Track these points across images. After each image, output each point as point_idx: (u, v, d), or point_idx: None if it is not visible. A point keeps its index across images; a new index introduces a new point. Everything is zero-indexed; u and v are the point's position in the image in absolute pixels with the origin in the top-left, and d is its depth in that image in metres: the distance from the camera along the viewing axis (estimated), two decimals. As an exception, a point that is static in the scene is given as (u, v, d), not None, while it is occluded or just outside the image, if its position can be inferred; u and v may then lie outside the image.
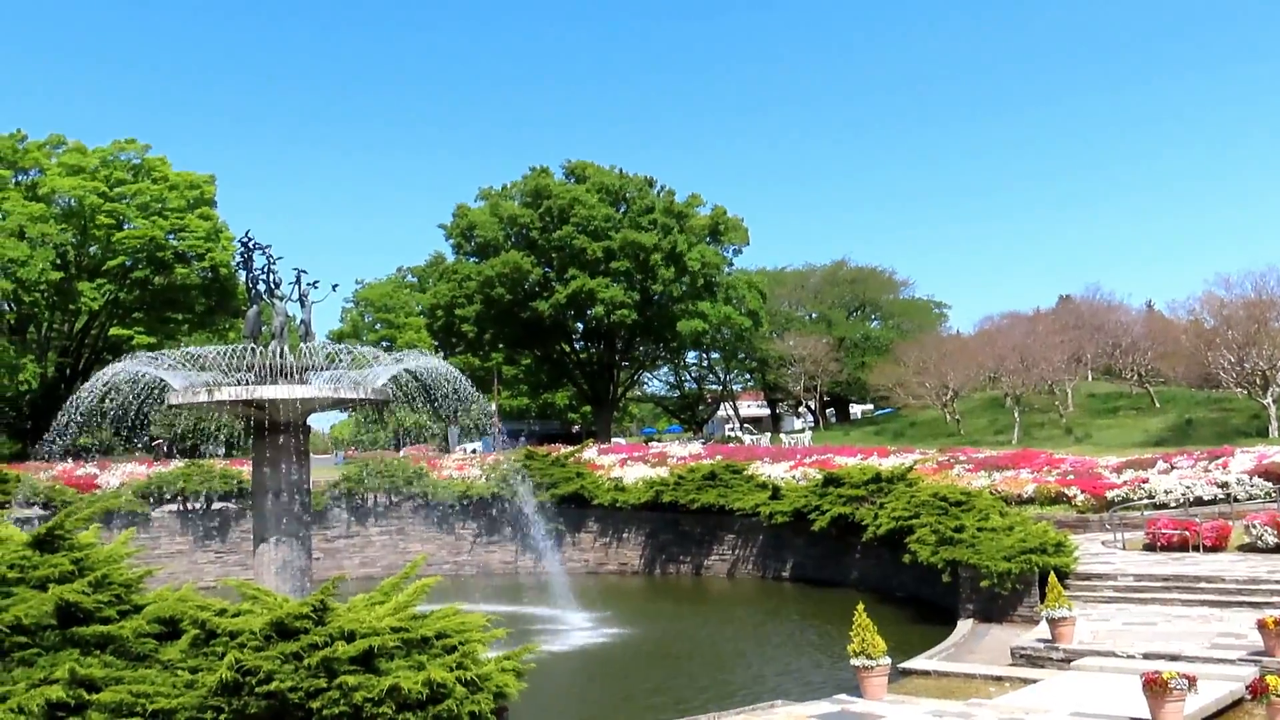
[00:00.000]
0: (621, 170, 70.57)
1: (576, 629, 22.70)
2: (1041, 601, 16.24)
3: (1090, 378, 71.99)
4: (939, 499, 22.56)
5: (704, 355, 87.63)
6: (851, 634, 13.17)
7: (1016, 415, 57.38)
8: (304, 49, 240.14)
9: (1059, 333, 64.81)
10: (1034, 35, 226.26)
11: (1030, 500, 28.28)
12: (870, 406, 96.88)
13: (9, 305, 58.86)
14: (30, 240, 53.18)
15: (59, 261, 56.79)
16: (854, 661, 13.10)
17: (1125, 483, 28.03)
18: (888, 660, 13.12)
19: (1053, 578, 15.64)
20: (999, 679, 14.33)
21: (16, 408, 63.74)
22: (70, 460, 35.66)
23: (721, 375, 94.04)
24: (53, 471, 33.99)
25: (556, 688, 16.59)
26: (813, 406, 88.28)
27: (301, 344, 18.27)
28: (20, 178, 60.02)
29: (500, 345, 75.93)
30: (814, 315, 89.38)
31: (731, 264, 74.33)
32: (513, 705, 9.94)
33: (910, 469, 28.59)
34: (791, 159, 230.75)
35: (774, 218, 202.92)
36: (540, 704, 13.84)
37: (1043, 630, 15.65)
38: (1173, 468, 29.16)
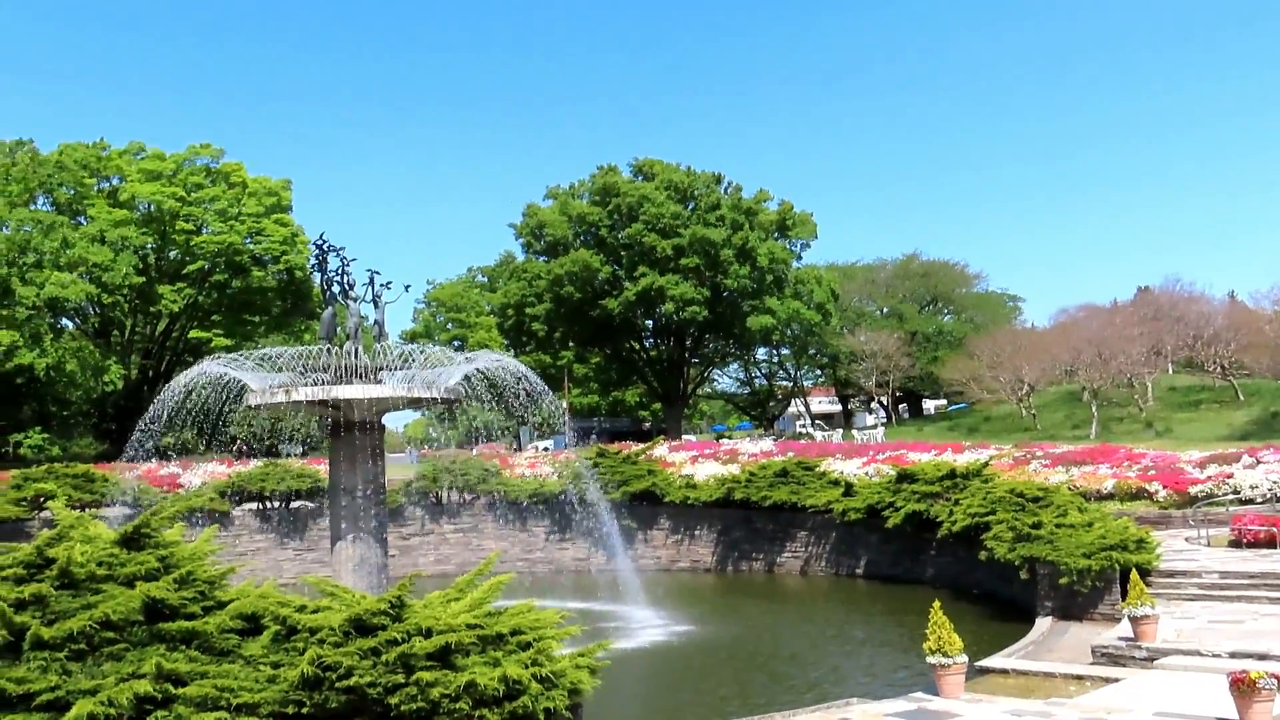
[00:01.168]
0: (690, 167, 70.47)
1: (649, 626, 22.73)
2: (1123, 599, 15.92)
3: (1170, 370, 70.36)
4: (1015, 495, 22.22)
5: (774, 351, 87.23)
6: (927, 632, 13.01)
7: (1094, 409, 56.29)
8: (373, 52, 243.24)
9: (1138, 325, 63.42)
10: (1103, 22, 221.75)
11: (1110, 496, 27.73)
12: (944, 402, 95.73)
13: (93, 309, 60.48)
14: (112, 245, 54.52)
15: (140, 266, 58.22)
16: (930, 659, 12.95)
17: (1209, 478, 27.38)
18: (964, 658, 12.95)
19: (1134, 575, 15.32)
20: (1079, 678, 14.07)
21: (102, 409, 65.44)
22: (154, 460, 36.48)
23: (792, 371, 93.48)
24: (138, 471, 34.77)
25: (629, 685, 16.65)
26: (885, 402, 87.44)
27: (376, 344, 18.52)
28: (102, 184, 61.66)
29: (570, 343, 76.30)
30: (885, 310, 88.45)
31: (800, 259, 73.87)
32: (586, 702, 9.99)
33: (985, 465, 28.22)
34: (861, 153, 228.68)
35: (843, 213, 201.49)
36: (613, 701, 13.90)
37: (1124, 628, 15.33)
38: (1259, 462, 28.38)
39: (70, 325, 61.86)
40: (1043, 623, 18.48)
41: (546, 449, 56.14)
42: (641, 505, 34.61)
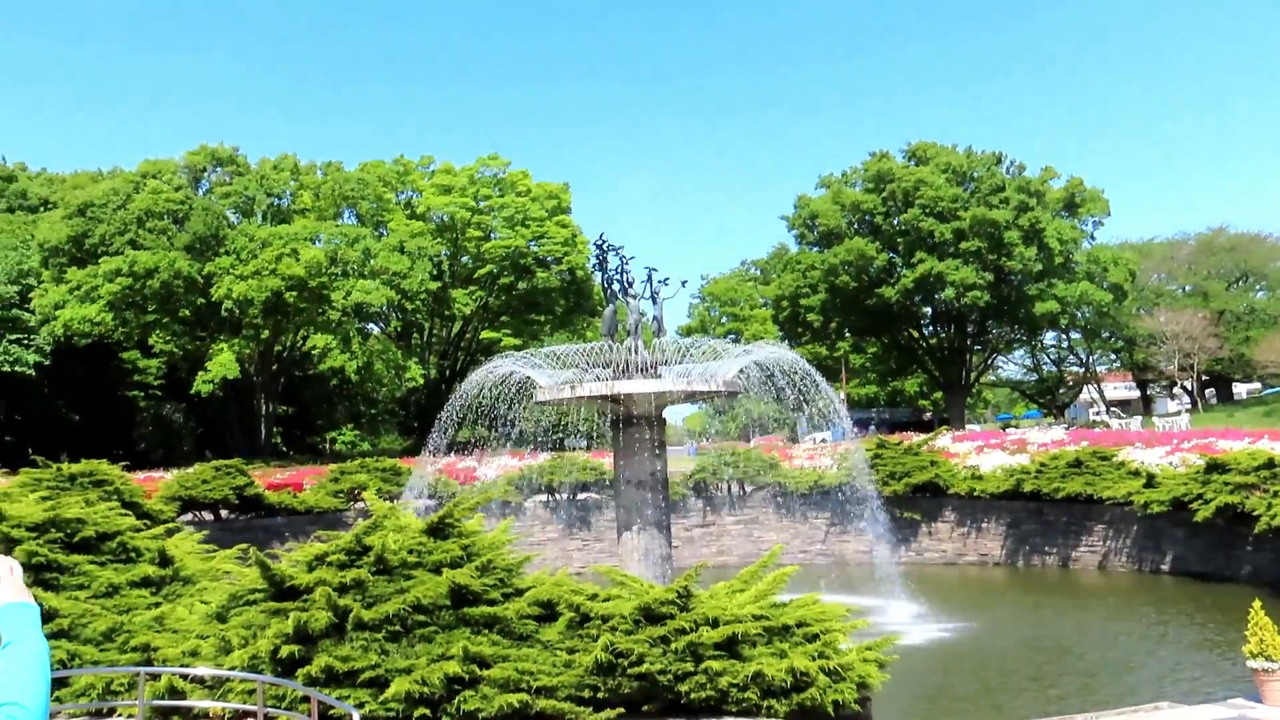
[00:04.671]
0: (968, 148, 68.19)
1: (936, 620, 22.13)
2: None
3: None
4: (1347, 486, 20.22)
5: (1063, 336, 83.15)
6: (1247, 633, 12.03)
7: None
8: (645, 51, 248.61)
9: None
10: None
11: None
12: (1257, 385, 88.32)
13: (395, 313, 65.02)
14: (410, 254, 58.43)
15: (435, 272, 62.10)
16: (1251, 664, 11.97)
17: None
18: (1292, 663, 11.90)
19: None
20: None
21: (405, 407, 70.28)
22: (452, 454, 38.62)
23: (1083, 356, 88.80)
24: (439, 465, 36.91)
25: (916, 681, 16.25)
26: (1189, 387, 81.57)
27: (655, 340, 18.92)
28: (399, 198, 66.23)
29: (846, 333, 75.46)
30: (1187, 288, 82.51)
31: (1092, 238, 70.08)
32: (876, 696, 9.85)
33: (1310, 453, 25.81)
34: (1155, 123, 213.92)
35: (1138, 188, 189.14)
36: (900, 696, 13.62)
37: None
38: None
39: (375, 329, 66.80)
40: (1383, 627, 16.71)
41: (824, 440, 55.67)
42: (924, 497, 33.76)
